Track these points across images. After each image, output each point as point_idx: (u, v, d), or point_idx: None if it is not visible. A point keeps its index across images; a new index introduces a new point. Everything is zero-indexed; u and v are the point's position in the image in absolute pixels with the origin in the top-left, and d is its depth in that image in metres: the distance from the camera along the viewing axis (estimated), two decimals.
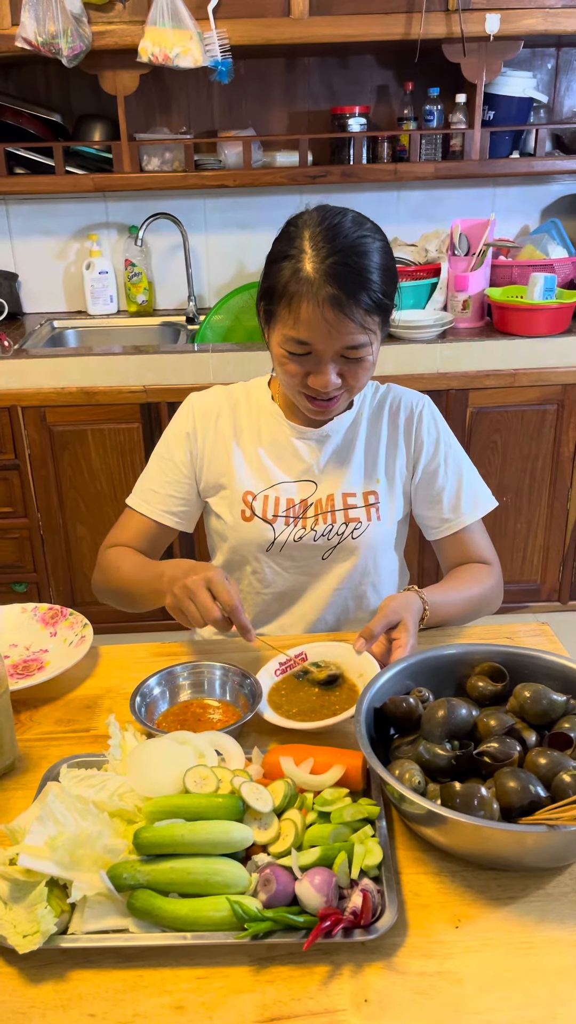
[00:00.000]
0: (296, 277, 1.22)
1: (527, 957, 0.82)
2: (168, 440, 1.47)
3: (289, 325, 1.24)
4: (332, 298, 1.20)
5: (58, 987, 0.81)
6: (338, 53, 2.84)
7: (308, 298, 1.20)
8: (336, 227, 1.23)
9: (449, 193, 3.02)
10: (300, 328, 1.23)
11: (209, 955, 0.83)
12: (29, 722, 1.17)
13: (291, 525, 1.42)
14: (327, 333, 1.22)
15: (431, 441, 1.46)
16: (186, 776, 0.94)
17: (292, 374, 1.29)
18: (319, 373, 1.27)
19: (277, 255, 1.26)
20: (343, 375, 1.29)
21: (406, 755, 0.99)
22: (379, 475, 1.45)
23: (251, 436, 1.45)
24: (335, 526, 1.42)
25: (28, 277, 3.09)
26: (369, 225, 1.27)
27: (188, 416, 1.46)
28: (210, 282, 3.12)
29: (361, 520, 1.42)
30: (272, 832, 0.91)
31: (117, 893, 0.84)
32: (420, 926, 0.86)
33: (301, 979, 0.80)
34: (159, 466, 1.47)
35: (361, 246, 1.23)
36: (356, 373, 1.29)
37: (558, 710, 1.01)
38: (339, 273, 1.20)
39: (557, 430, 2.72)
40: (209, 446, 1.45)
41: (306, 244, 1.23)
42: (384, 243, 1.27)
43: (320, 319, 1.21)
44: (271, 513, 1.42)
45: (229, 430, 1.45)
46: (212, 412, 1.46)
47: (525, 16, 2.51)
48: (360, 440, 1.45)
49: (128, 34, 2.48)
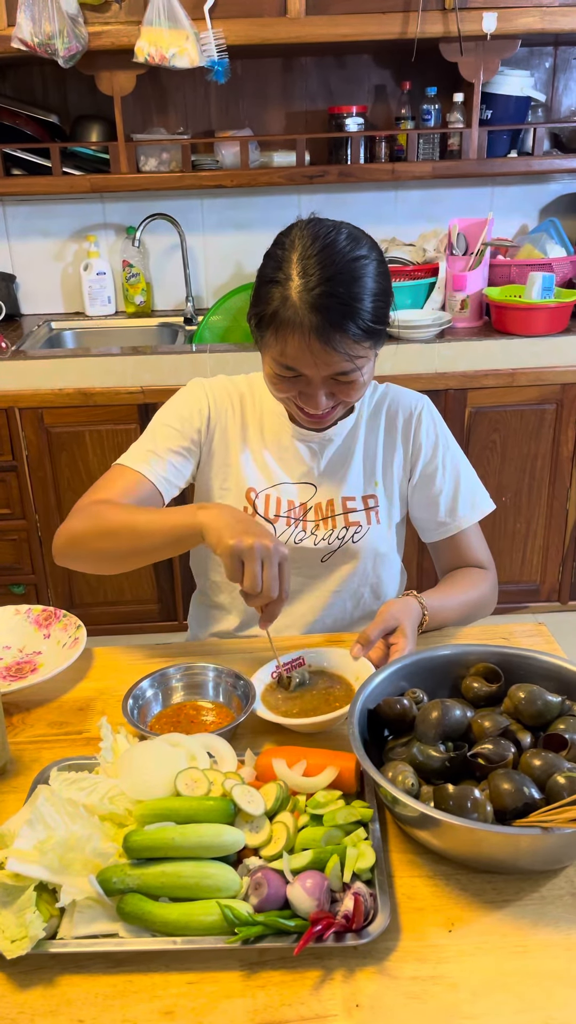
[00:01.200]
0: (284, 305, 1.18)
1: (522, 961, 0.81)
2: (178, 410, 1.41)
3: (277, 352, 1.22)
4: (318, 330, 1.17)
5: (47, 993, 0.80)
6: (335, 52, 2.83)
7: (294, 329, 1.18)
8: (326, 250, 1.19)
9: (447, 192, 3.01)
10: (287, 357, 1.21)
11: (200, 960, 0.82)
12: (21, 724, 1.17)
13: (292, 527, 1.41)
14: (313, 363, 1.20)
15: (429, 443, 1.44)
16: (177, 779, 0.93)
17: (284, 392, 1.29)
18: (309, 396, 1.26)
19: (265, 278, 1.23)
20: (335, 394, 1.27)
21: (400, 757, 0.99)
22: (378, 478, 1.44)
23: (255, 433, 1.43)
24: (335, 530, 1.41)
25: (25, 278, 3.08)
26: (364, 243, 1.23)
27: (202, 396, 1.42)
28: (208, 283, 3.11)
29: (361, 524, 1.41)
30: (264, 835, 0.90)
31: (107, 897, 0.83)
32: (413, 930, 0.85)
33: (292, 984, 0.80)
34: (163, 432, 1.39)
35: (352, 271, 1.19)
36: (348, 392, 1.27)
37: (553, 711, 1.01)
38: (326, 304, 1.16)
39: (556, 429, 2.71)
40: (220, 432, 1.42)
41: (293, 270, 1.19)
42: (379, 262, 1.23)
43: (305, 350, 1.19)
44: (272, 512, 1.41)
45: (238, 422, 1.43)
46: (225, 400, 1.43)
47: (522, 15, 2.50)
48: (359, 443, 1.43)
49: (124, 34, 2.47)
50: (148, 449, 1.37)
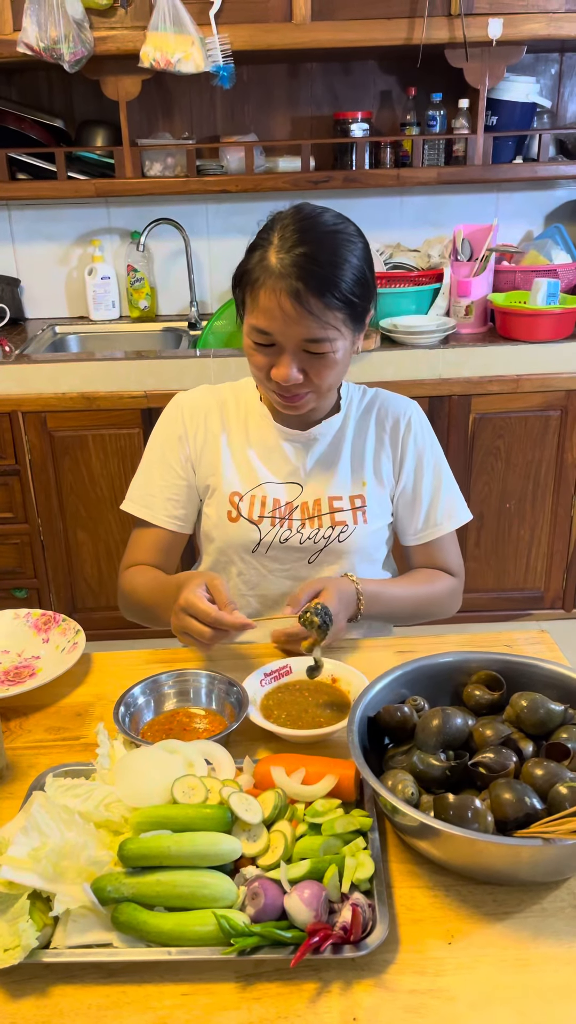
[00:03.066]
0: (260, 265, 1.22)
1: (522, 975, 0.80)
2: (161, 443, 1.46)
3: (252, 313, 1.25)
4: (291, 288, 1.19)
5: (39, 1003, 0.79)
6: (340, 58, 2.83)
7: (267, 287, 1.21)
8: (310, 220, 1.24)
9: (452, 198, 3.01)
10: (260, 317, 1.23)
11: (195, 971, 0.81)
12: (19, 730, 1.16)
13: (276, 526, 1.41)
14: (285, 323, 1.21)
15: (417, 449, 1.45)
16: (174, 786, 0.92)
17: (258, 366, 1.29)
18: (280, 364, 1.26)
19: (252, 244, 1.28)
20: (306, 371, 1.27)
21: (400, 765, 0.97)
22: (366, 478, 1.44)
23: (239, 436, 1.44)
24: (321, 530, 1.41)
25: (30, 282, 3.08)
26: (349, 226, 1.27)
27: (177, 417, 1.45)
28: (212, 287, 3.11)
29: (348, 523, 1.41)
30: (261, 844, 0.89)
31: (101, 907, 0.82)
32: (412, 942, 0.83)
33: (289, 996, 0.78)
34: (157, 471, 1.45)
35: (332, 241, 1.22)
36: (319, 370, 1.27)
37: (555, 720, 0.99)
38: (300, 263, 1.19)
39: (561, 436, 2.70)
40: (200, 445, 1.44)
41: (275, 235, 1.23)
42: (362, 246, 1.27)
43: (276, 308, 1.20)
44: (257, 513, 1.41)
45: (217, 428, 1.44)
46: (200, 411, 1.45)
47: (528, 21, 2.49)
48: (347, 444, 1.44)
49: (130, 39, 2.48)
50: (146, 493, 1.45)
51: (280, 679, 1.19)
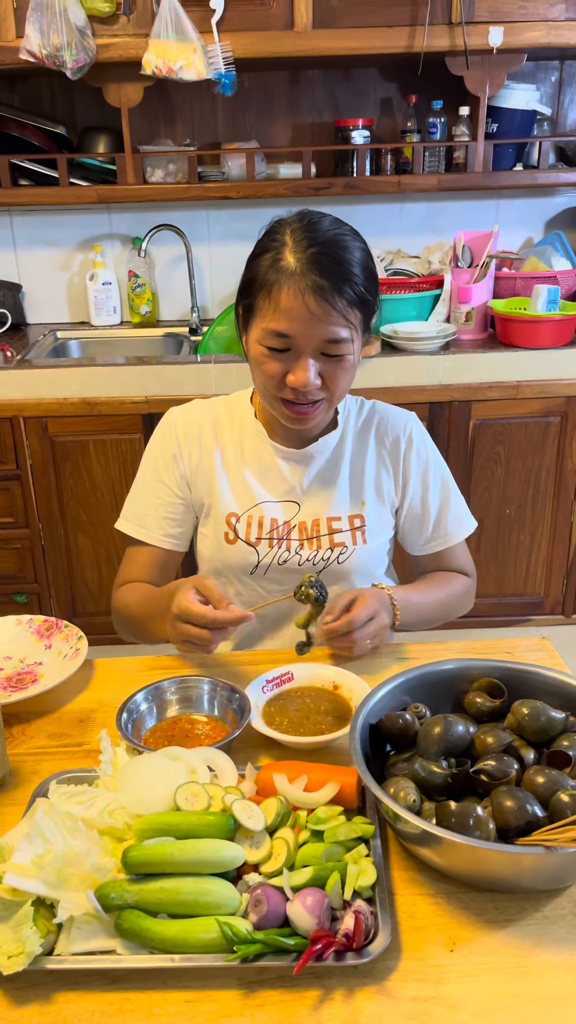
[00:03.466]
0: (276, 267, 1.21)
1: (524, 982, 0.80)
2: (155, 461, 1.44)
3: (269, 316, 1.22)
4: (315, 285, 1.18)
5: (43, 1010, 0.79)
6: (341, 66, 2.85)
7: (289, 285, 1.19)
8: (317, 223, 1.24)
9: (452, 205, 3.02)
10: (280, 318, 1.21)
11: (198, 978, 0.81)
12: (22, 736, 1.16)
13: (275, 547, 1.39)
14: (308, 322, 1.20)
15: (419, 465, 1.45)
16: (177, 793, 0.92)
17: (270, 375, 1.26)
18: (299, 369, 1.24)
19: (258, 251, 1.26)
20: (323, 376, 1.26)
21: (401, 772, 0.98)
22: (365, 497, 1.42)
23: (234, 454, 1.42)
24: (320, 551, 1.39)
25: (32, 288, 3.09)
26: (349, 228, 1.27)
27: (171, 435, 1.43)
28: (213, 293, 3.12)
29: (347, 545, 1.39)
30: (264, 851, 0.89)
31: (105, 913, 0.82)
32: (414, 949, 0.84)
33: (292, 1004, 0.79)
34: (151, 489, 1.43)
35: (342, 241, 1.23)
36: (335, 375, 1.26)
37: (557, 727, 1.00)
38: (321, 262, 1.19)
39: (560, 442, 2.70)
40: (195, 464, 1.42)
41: (287, 237, 1.23)
42: (365, 247, 1.27)
43: (302, 306, 1.19)
44: (254, 535, 1.39)
45: (212, 446, 1.42)
46: (194, 428, 1.43)
47: (528, 29, 2.51)
48: (345, 461, 1.42)
49: (132, 47, 2.49)
50: (140, 512, 1.44)
51: (282, 686, 1.19)
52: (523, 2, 2.49)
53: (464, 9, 2.46)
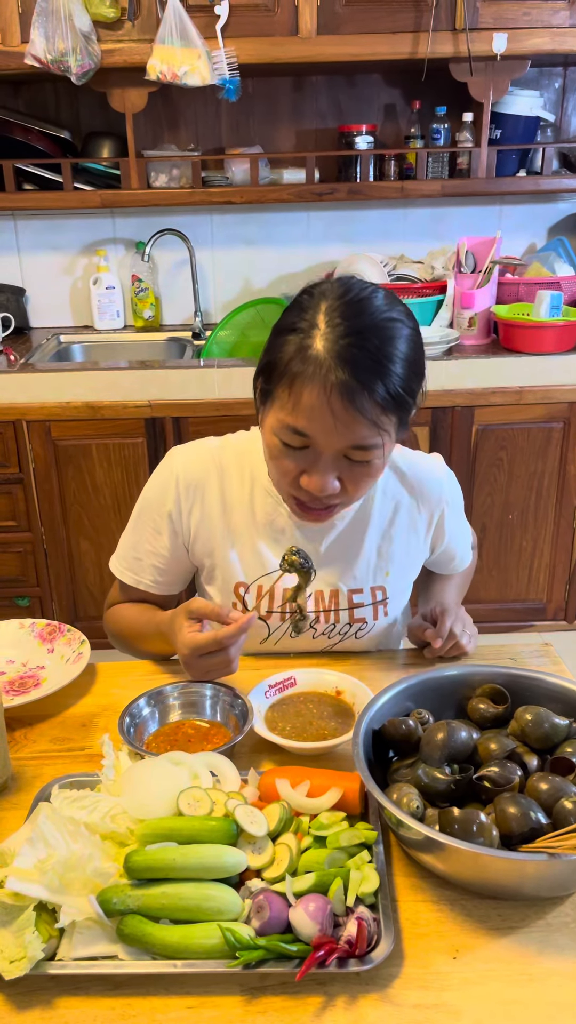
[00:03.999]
0: (302, 355, 1.03)
1: (527, 990, 0.80)
2: (151, 510, 1.31)
3: (287, 410, 1.06)
4: (342, 385, 1.01)
5: (45, 1015, 0.79)
6: (345, 72, 2.85)
7: (314, 381, 1.02)
8: (359, 303, 1.05)
9: (455, 211, 3.02)
10: (299, 416, 1.05)
11: (200, 984, 0.81)
12: (24, 740, 1.16)
13: (287, 621, 1.29)
14: (331, 426, 1.04)
15: (454, 521, 1.37)
16: (180, 798, 0.92)
17: (284, 471, 1.12)
18: (315, 473, 1.09)
19: (284, 326, 1.08)
20: (343, 479, 1.10)
21: (404, 779, 0.98)
22: (391, 568, 1.31)
23: (243, 515, 1.28)
24: (338, 625, 1.30)
25: (35, 292, 3.10)
26: (400, 308, 1.09)
27: (170, 491, 1.29)
28: (216, 298, 3.12)
29: (367, 620, 1.30)
30: (266, 857, 0.89)
31: (107, 919, 0.82)
32: (417, 956, 0.83)
33: (294, 1010, 0.78)
34: (145, 537, 1.33)
35: (386, 329, 1.04)
36: (358, 480, 1.11)
37: (560, 734, 1.00)
38: (354, 357, 1.01)
39: (563, 448, 2.70)
40: (194, 525, 1.29)
41: (320, 318, 1.04)
42: (415, 330, 1.10)
43: (325, 408, 1.03)
44: (265, 608, 1.28)
45: (217, 507, 1.28)
46: (198, 484, 1.28)
47: (532, 36, 2.51)
48: (372, 528, 1.29)
49: (137, 52, 2.49)
50: (131, 555, 1.34)
51: (284, 691, 1.19)
52: (527, 9, 2.49)
53: (468, 16, 2.47)
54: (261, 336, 2.92)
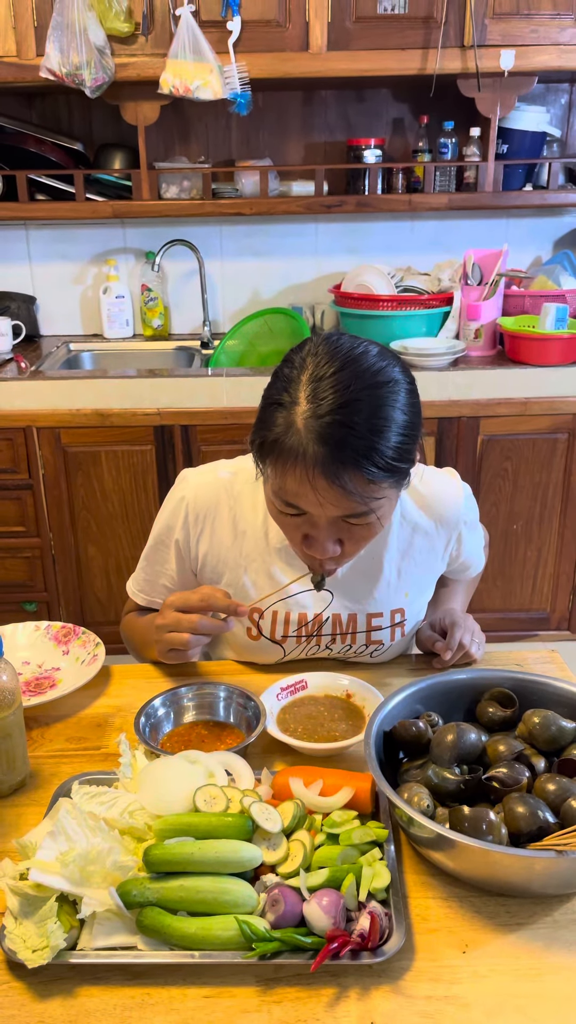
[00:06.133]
0: (287, 433, 1.01)
1: (535, 984, 0.82)
2: (163, 536, 1.32)
3: (277, 486, 1.06)
4: (323, 464, 0.99)
5: (66, 1003, 0.81)
6: (355, 87, 2.89)
7: (296, 464, 1.00)
8: (344, 370, 1.01)
9: (462, 224, 3.06)
10: (287, 493, 1.05)
11: (216, 974, 0.83)
12: (40, 739, 1.18)
13: (303, 644, 1.30)
14: (317, 503, 1.03)
15: (471, 537, 1.37)
16: (196, 795, 0.95)
17: (287, 531, 1.14)
18: (314, 540, 1.09)
19: (269, 399, 1.06)
20: (343, 541, 1.10)
21: (415, 779, 1.00)
22: (409, 589, 1.31)
23: (256, 540, 1.27)
24: (355, 647, 1.31)
25: (46, 300, 3.13)
26: (393, 365, 1.05)
27: (178, 517, 1.29)
28: (225, 308, 3.16)
29: (384, 642, 1.31)
30: (281, 852, 0.91)
31: (126, 910, 0.85)
32: (427, 950, 0.86)
33: (308, 1000, 0.81)
34: (155, 560, 1.35)
35: (375, 398, 1.01)
36: (359, 539, 1.11)
37: (567, 736, 1.02)
38: (337, 436, 0.98)
39: (568, 459, 2.73)
40: (202, 552, 1.29)
41: (301, 393, 1.01)
42: (409, 390, 1.06)
43: (308, 487, 1.01)
44: (280, 633, 1.29)
45: (228, 533, 1.28)
46: (207, 511, 1.28)
47: (539, 52, 2.55)
48: (392, 549, 1.28)
49: (150, 66, 2.53)
50: (144, 578, 1.38)
51: (296, 693, 1.22)
52: (534, 26, 2.53)
53: (476, 33, 2.51)
54: (268, 346, 2.96)
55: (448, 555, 1.36)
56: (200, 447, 2.65)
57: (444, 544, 1.34)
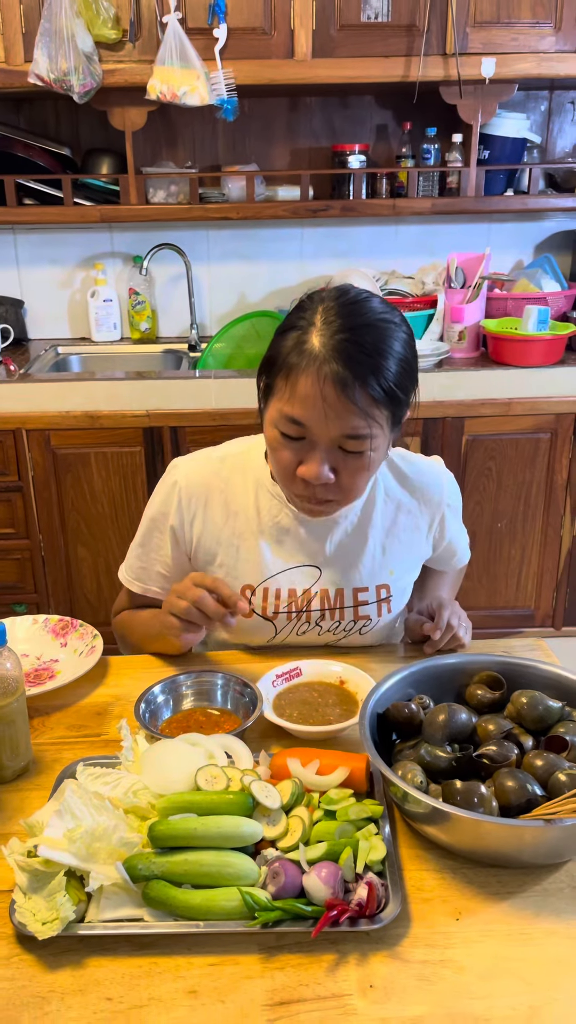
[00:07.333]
0: (299, 349, 1.11)
1: (526, 947, 0.86)
2: (155, 522, 1.37)
3: (284, 400, 1.13)
4: (335, 375, 1.08)
5: (76, 973, 0.84)
6: (339, 93, 2.94)
7: (308, 372, 1.10)
8: (356, 304, 1.13)
9: (446, 228, 3.11)
10: (295, 404, 1.12)
11: (221, 943, 0.86)
12: (42, 727, 1.21)
13: (293, 621, 1.35)
14: (324, 414, 1.10)
15: (454, 521, 1.44)
16: (198, 775, 0.98)
17: (283, 464, 1.18)
18: (311, 461, 1.15)
19: (285, 327, 1.16)
20: (337, 471, 1.16)
21: (408, 758, 1.03)
22: (394, 566, 1.36)
23: (248, 520, 1.33)
24: (343, 623, 1.36)
25: (34, 304, 3.16)
26: (396, 313, 1.16)
27: (172, 502, 1.34)
28: (212, 311, 3.19)
29: (372, 618, 1.36)
30: (280, 828, 0.94)
31: (132, 884, 0.87)
32: (423, 918, 0.89)
33: (309, 966, 0.84)
34: (148, 546, 1.38)
35: (381, 329, 1.12)
36: (352, 472, 1.17)
37: (554, 716, 1.06)
38: (347, 350, 1.09)
39: (551, 458, 2.78)
40: (197, 533, 1.34)
41: (317, 317, 1.12)
42: (409, 336, 1.16)
43: (318, 397, 1.09)
44: (271, 609, 1.33)
45: (221, 516, 1.33)
46: (199, 494, 1.33)
47: (520, 60, 2.61)
48: (376, 526, 1.34)
49: (137, 72, 2.57)
50: (138, 565, 1.40)
51: (291, 680, 1.25)
52: (514, 34, 2.59)
53: (458, 41, 2.56)
54: (256, 348, 3.00)
55: (432, 537, 1.42)
56: (189, 448, 2.67)
57: (428, 524, 1.39)
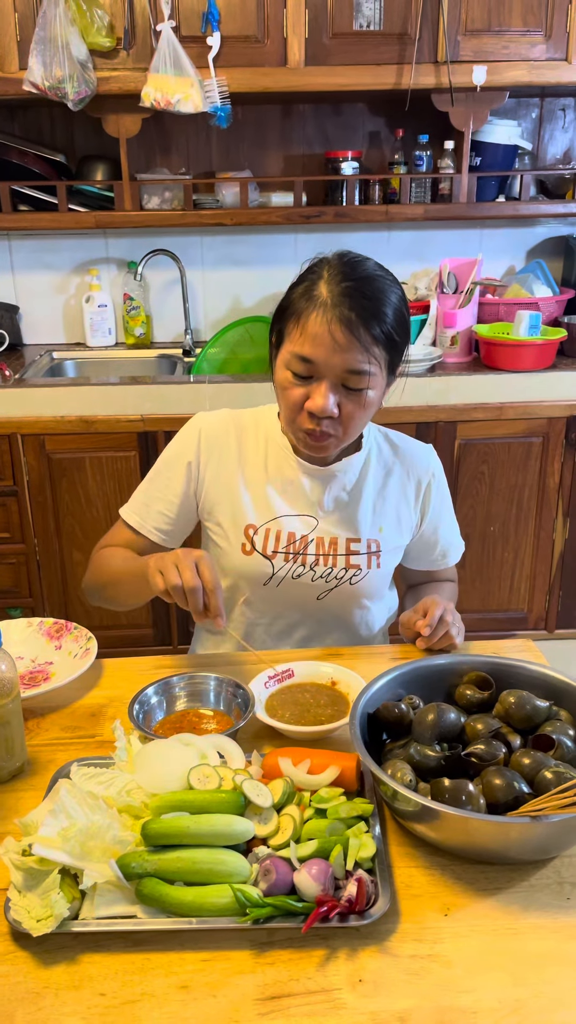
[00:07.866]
0: (308, 295, 1.27)
1: (512, 942, 0.87)
2: (170, 460, 1.48)
3: (295, 340, 1.28)
4: (342, 316, 1.24)
5: (70, 969, 0.85)
6: (332, 101, 2.97)
7: (318, 313, 1.25)
8: (357, 263, 1.30)
9: (438, 234, 3.13)
10: (305, 343, 1.26)
11: (213, 939, 0.87)
12: (36, 729, 1.22)
13: (290, 562, 1.43)
14: (332, 349, 1.25)
15: (439, 501, 1.53)
16: (190, 774, 0.99)
17: (291, 401, 1.31)
18: (317, 394, 1.28)
19: (295, 282, 1.32)
20: (340, 407, 1.30)
21: (398, 757, 1.05)
22: (384, 524, 1.47)
23: (256, 467, 1.46)
24: (335, 570, 1.44)
25: (29, 309, 3.17)
26: (392, 276, 1.33)
27: (192, 442, 1.47)
28: (206, 316, 3.21)
29: (362, 567, 1.45)
30: (272, 826, 0.96)
31: (126, 881, 0.89)
32: (411, 914, 0.91)
33: (300, 961, 0.85)
34: (158, 485, 1.48)
35: (380, 282, 1.29)
36: (353, 410, 1.31)
37: (541, 715, 1.07)
38: (353, 296, 1.25)
39: (543, 461, 2.80)
40: (211, 475, 1.46)
41: (324, 270, 1.29)
42: (401, 294, 1.32)
43: (327, 334, 1.24)
44: (271, 548, 1.43)
45: (234, 459, 1.46)
46: (218, 439, 1.46)
47: (511, 68, 2.63)
48: (369, 486, 1.47)
49: (131, 80, 2.59)
50: (142, 501, 1.49)
51: (283, 681, 1.27)
52: (505, 42, 2.62)
53: (450, 49, 2.59)
54: (249, 353, 3.02)
55: (419, 507, 1.51)
56: None
57: (414, 491, 1.51)
